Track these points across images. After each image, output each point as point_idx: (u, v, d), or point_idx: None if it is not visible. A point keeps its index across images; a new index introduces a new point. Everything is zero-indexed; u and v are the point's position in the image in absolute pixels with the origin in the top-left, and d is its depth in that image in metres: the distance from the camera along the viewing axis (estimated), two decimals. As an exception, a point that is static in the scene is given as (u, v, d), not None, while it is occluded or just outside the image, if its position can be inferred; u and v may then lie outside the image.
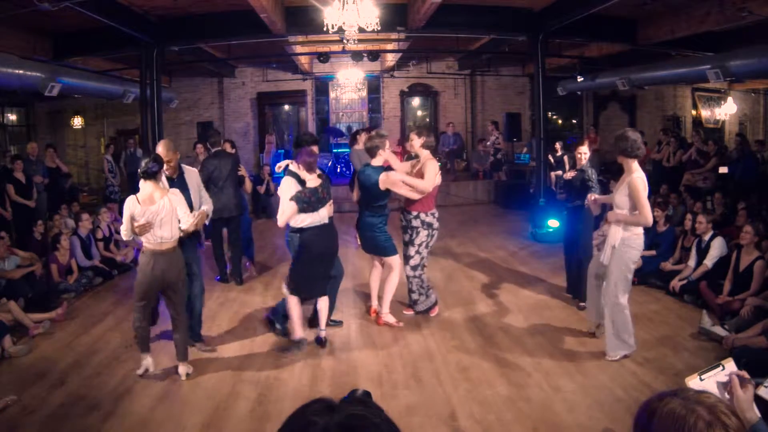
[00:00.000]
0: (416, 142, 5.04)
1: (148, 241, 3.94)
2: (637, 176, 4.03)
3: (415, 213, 4.97)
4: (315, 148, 4.62)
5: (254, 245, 7.11)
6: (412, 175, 4.97)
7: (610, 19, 8.63)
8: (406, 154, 5.17)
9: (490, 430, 3.36)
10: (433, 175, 4.85)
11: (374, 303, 5.31)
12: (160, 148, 4.30)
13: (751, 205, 7.14)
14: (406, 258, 5.06)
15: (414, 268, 5.06)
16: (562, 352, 4.42)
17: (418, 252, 5.01)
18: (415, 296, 5.18)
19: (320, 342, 4.63)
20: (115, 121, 14.36)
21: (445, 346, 4.57)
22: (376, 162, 4.87)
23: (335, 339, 4.82)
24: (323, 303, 4.63)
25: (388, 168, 4.99)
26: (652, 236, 6.58)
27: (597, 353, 4.35)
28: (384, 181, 4.75)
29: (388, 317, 5.09)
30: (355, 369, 4.25)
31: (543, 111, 9.05)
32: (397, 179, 4.80)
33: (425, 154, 5.03)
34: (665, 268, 6.09)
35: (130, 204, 3.88)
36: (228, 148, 6.69)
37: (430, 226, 4.98)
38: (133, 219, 3.87)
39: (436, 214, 5.06)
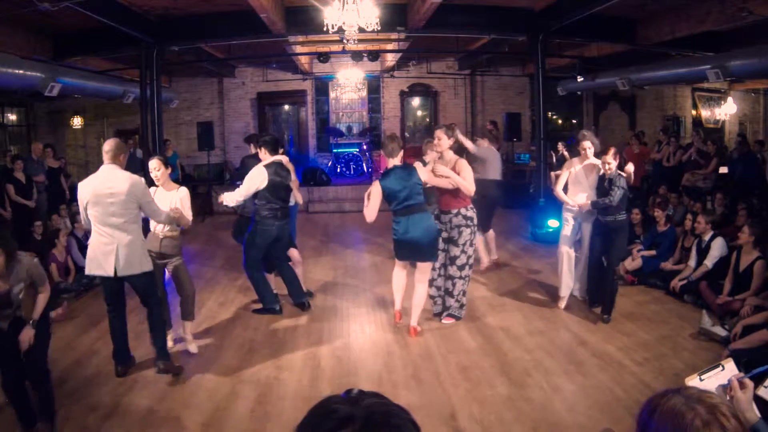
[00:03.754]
0: (445, 142, 4.90)
1: None
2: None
3: (455, 210, 4.81)
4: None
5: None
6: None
7: (610, 19, 8.63)
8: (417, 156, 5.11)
9: (490, 430, 3.36)
10: (471, 174, 4.81)
11: (398, 306, 5.04)
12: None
13: (751, 205, 7.14)
14: (452, 259, 4.89)
15: (461, 267, 4.87)
16: (562, 352, 4.42)
17: (464, 251, 4.84)
18: (451, 301, 4.98)
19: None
20: (115, 121, 14.35)
21: (445, 346, 4.57)
22: (397, 162, 4.69)
23: (335, 339, 4.83)
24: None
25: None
26: (652, 236, 6.60)
27: (597, 353, 4.36)
28: (428, 176, 4.69)
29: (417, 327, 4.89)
30: (355, 369, 4.25)
31: (543, 111, 9.05)
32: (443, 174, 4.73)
33: (451, 155, 4.93)
34: (665, 268, 6.09)
35: None
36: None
37: (471, 220, 4.87)
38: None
39: (474, 208, 4.96)
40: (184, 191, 4.49)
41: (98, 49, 8.93)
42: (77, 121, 14.32)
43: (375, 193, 4.58)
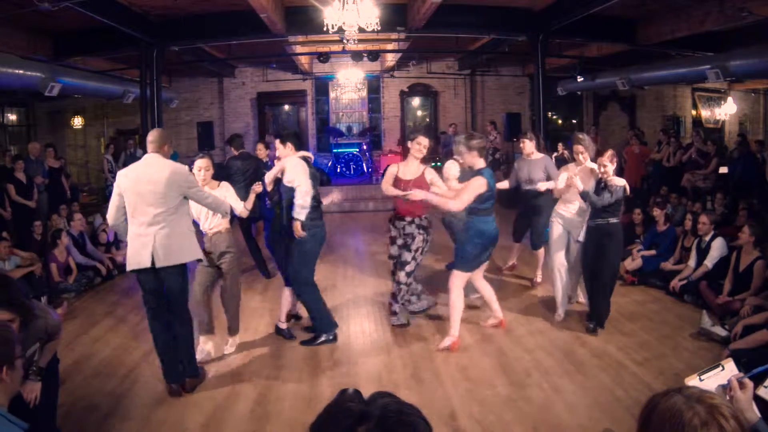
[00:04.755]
0: (425, 147, 4.80)
1: None
2: None
3: (409, 219, 4.78)
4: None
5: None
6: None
7: (610, 19, 8.64)
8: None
9: (490, 430, 3.36)
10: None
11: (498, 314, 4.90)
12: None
13: (751, 205, 7.14)
14: (402, 264, 4.77)
15: (408, 274, 4.79)
16: (562, 352, 4.42)
17: (414, 258, 4.77)
18: (400, 301, 4.91)
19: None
20: (115, 121, 14.36)
21: (445, 346, 4.57)
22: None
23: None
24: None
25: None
26: (651, 236, 6.60)
27: (597, 353, 4.36)
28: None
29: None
30: (355, 369, 4.25)
31: (543, 111, 9.06)
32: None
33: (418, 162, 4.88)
34: (665, 268, 6.08)
35: None
36: (260, 150, 6.97)
37: (426, 230, 4.80)
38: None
39: (430, 219, 4.91)
40: (226, 185, 4.51)
41: (98, 49, 8.94)
42: (77, 121, 14.33)
43: (478, 186, 4.22)
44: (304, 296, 4.60)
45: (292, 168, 4.39)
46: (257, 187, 4.58)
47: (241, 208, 4.45)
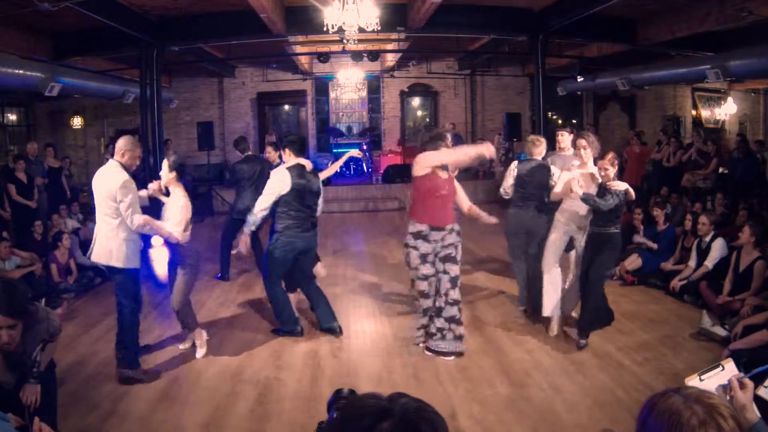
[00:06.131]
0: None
1: None
2: None
3: (449, 227, 4.30)
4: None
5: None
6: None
7: (610, 19, 8.64)
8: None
9: (490, 430, 3.36)
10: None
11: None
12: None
13: (751, 205, 7.14)
14: (454, 280, 4.29)
15: (459, 288, 4.40)
16: (562, 352, 4.42)
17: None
18: (461, 329, 4.35)
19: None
20: (115, 121, 14.36)
21: (445, 346, 4.56)
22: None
23: (335, 339, 4.82)
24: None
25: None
26: (651, 235, 6.60)
27: (597, 353, 4.36)
28: None
29: None
30: (356, 369, 4.25)
31: (543, 111, 9.07)
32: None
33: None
34: (665, 268, 6.09)
35: None
36: (269, 152, 6.70)
37: (459, 233, 4.40)
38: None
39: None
40: (179, 201, 4.21)
41: (98, 49, 8.94)
42: (77, 121, 14.32)
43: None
44: (268, 290, 4.86)
45: (270, 181, 4.56)
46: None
47: (164, 229, 4.14)
